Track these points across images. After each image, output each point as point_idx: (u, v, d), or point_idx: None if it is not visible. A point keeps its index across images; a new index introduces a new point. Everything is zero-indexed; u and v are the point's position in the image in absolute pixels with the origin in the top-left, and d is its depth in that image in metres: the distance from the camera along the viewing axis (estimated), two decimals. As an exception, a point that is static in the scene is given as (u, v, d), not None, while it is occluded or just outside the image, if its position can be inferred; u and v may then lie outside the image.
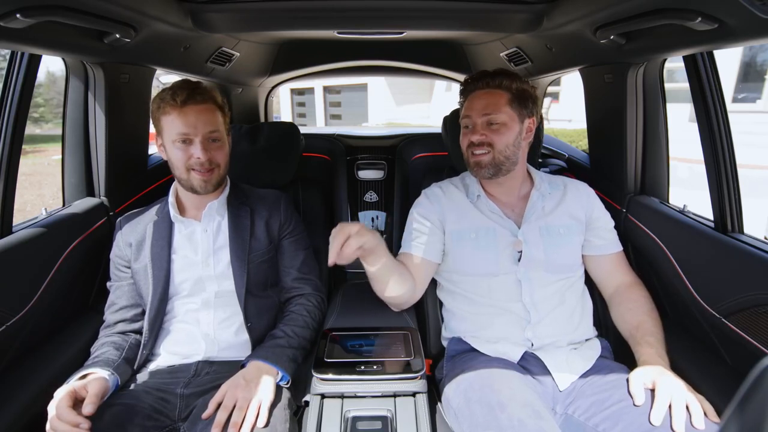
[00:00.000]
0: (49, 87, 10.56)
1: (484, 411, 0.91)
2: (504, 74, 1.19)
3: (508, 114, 1.17)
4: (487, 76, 1.20)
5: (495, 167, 1.19)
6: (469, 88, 1.24)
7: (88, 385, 0.94)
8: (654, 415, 0.87)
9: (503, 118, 1.17)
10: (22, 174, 1.37)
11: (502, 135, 1.17)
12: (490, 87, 1.19)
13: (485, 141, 1.17)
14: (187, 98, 1.09)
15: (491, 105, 1.17)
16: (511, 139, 1.18)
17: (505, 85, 1.18)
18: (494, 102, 1.17)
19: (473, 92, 1.22)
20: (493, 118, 1.17)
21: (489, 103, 1.18)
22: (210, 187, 1.17)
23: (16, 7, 0.80)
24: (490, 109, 1.17)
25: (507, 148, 1.18)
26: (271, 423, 0.94)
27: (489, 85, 1.19)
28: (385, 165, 1.98)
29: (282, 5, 1.21)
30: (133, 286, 1.20)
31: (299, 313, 1.24)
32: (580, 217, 1.23)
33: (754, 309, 0.95)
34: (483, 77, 1.21)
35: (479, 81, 1.21)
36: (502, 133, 1.17)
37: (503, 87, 1.18)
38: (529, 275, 1.17)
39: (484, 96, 1.19)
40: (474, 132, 1.19)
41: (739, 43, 0.91)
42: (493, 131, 1.17)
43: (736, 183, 1.13)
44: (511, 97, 1.18)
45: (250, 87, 2.32)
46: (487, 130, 1.18)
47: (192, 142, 1.12)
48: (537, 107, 1.23)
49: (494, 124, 1.17)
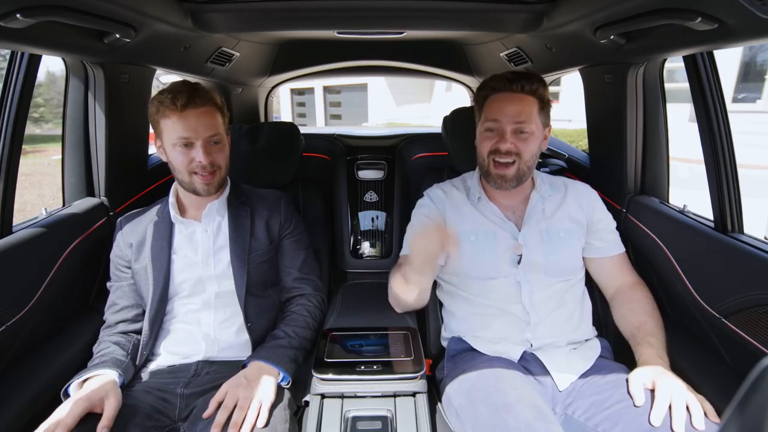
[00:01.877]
0: (49, 87, 10.55)
1: (490, 412, 0.91)
2: (539, 80, 1.13)
3: (536, 123, 1.13)
4: (522, 78, 1.11)
5: (518, 179, 1.15)
6: (498, 86, 1.14)
7: (105, 403, 0.92)
8: (654, 415, 0.87)
9: (533, 127, 1.12)
10: (22, 174, 1.37)
11: (530, 144, 1.12)
12: (524, 92, 1.11)
13: (513, 150, 1.11)
14: (188, 102, 1.09)
15: (525, 113, 1.11)
16: (536, 148, 1.14)
17: (539, 93, 1.12)
18: (528, 110, 1.11)
19: (503, 93, 1.13)
20: (525, 126, 1.11)
21: (522, 111, 1.11)
22: (212, 189, 1.17)
23: (16, 7, 0.80)
24: (524, 117, 1.10)
25: (531, 158, 1.14)
26: (271, 423, 0.94)
27: (524, 89, 1.11)
28: (385, 165, 1.98)
29: (282, 5, 1.21)
30: (134, 287, 1.20)
31: (300, 313, 1.24)
32: (581, 219, 1.23)
33: (754, 309, 0.95)
34: (518, 79, 1.12)
35: (514, 83, 1.11)
36: (530, 142, 1.12)
37: (536, 94, 1.12)
38: (529, 278, 1.17)
39: (516, 101, 1.11)
40: (503, 140, 1.12)
41: (739, 43, 0.91)
42: (521, 140, 1.11)
43: (736, 183, 1.13)
44: (540, 105, 1.13)
45: (250, 87, 2.32)
46: (515, 138, 1.11)
47: (193, 146, 1.12)
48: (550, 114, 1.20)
49: (524, 133, 1.12)
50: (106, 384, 0.96)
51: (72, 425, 0.86)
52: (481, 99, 1.20)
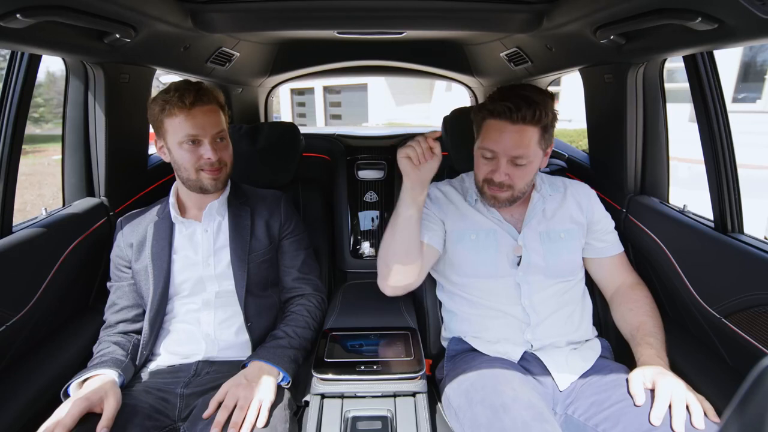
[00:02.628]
0: (49, 87, 10.55)
1: (487, 412, 0.91)
2: (542, 106, 1.05)
3: (535, 151, 1.08)
4: (524, 106, 1.03)
5: (511, 201, 1.15)
6: (499, 113, 1.06)
7: (105, 403, 0.92)
8: (654, 415, 0.87)
9: (531, 156, 1.08)
10: (22, 174, 1.37)
11: (526, 172, 1.10)
12: (526, 122, 1.04)
13: (507, 182, 1.10)
14: (195, 100, 1.09)
15: (523, 146, 1.06)
16: (533, 174, 1.13)
17: (537, 118, 1.04)
18: (525, 143, 1.05)
19: (502, 121, 1.06)
20: (522, 155, 1.07)
21: (520, 144, 1.05)
22: (219, 184, 1.18)
23: (16, 7, 0.80)
24: (521, 151, 1.06)
25: (526, 186, 1.13)
26: (271, 423, 0.94)
27: (525, 120, 1.04)
28: (385, 165, 1.98)
29: (282, 5, 1.21)
30: (134, 287, 1.20)
31: (300, 313, 1.24)
32: (580, 220, 1.23)
33: (754, 309, 0.95)
34: (518, 109, 1.03)
35: (515, 113, 1.04)
36: (527, 171, 1.09)
37: (539, 122, 1.05)
38: (528, 279, 1.17)
39: (515, 132, 1.05)
40: (496, 170, 1.09)
41: (739, 43, 0.91)
42: (517, 168, 1.09)
43: (736, 183, 1.13)
44: (541, 132, 1.07)
45: (250, 87, 2.32)
46: (510, 167, 1.09)
47: (201, 143, 1.12)
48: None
49: (520, 165, 1.08)
50: (106, 384, 0.96)
51: (71, 425, 0.86)
52: (479, 119, 1.14)
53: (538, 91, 1.08)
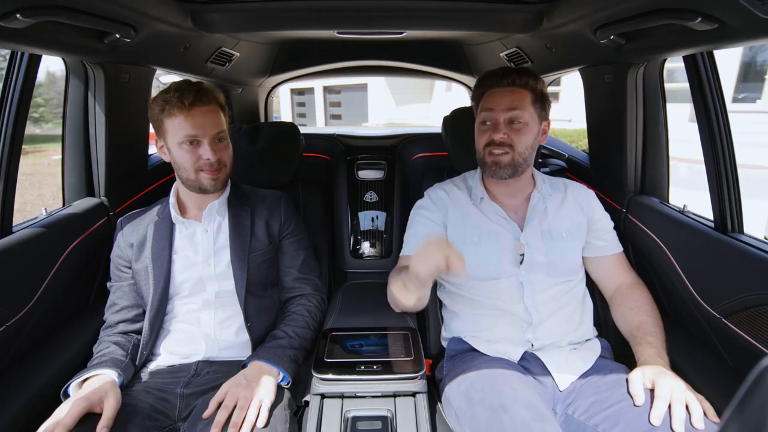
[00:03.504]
0: (49, 87, 10.55)
1: (487, 413, 0.91)
2: (530, 74, 1.16)
3: (530, 113, 1.15)
4: (513, 73, 1.16)
5: (513, 168, 1.16)
6: (491, 83, 1.18)
7: (105, 403, 0.92)
8: (654, 414, 0.87)
9: (527, 117, 1.14)
10: (22, 174, 1.37)
11: (524, 135, 1.14)
12: (516, 85, 1.15)
13: (507, 141, 1.14)
14: (195, 100, 1.09)
15: (516, 101, 1.14)
16: (531, 140, 1.16)
17: (530, 85, 1.15)
18: (520, 100, 1.14)
19: (495, 88, 1.18)
20: (517, 116, 1.13)
21: (514, 100, 1.14)
22: (219, 184, 1.18)
23: (16, 7, 0.80)
24: (516, 105, 1.13)
25: (526, 150, 1.16)
26: (271, 423, 0.94)
27: (515, 83, 1.15)
28: (385, 165, 1.98)
29: (282, 5, 1.21)
30: (134, 287, 1.20)
31: (300, 313, 1.24)
32: (581, 220, 1.23)
33: (754, 309, 0.95)
34: (509, 74, 1.16)
35: (505, 78, 1.16)
36: (523, 133, 1.14)
37: (528, 86, 1.15)
38: (531, 278, 1.17)
39: (508, 93, 1.15)
40: (496, 130, 1.15)
41: (739, 43, 0.91)
42: (514, 130, 1.14)
43: (736, 183, 1.13)
44: (534, 97, 1.15)
45: (250, 87, 2.32)
46: (508, 129, 1.14)
47: (200, 144, 1.12)
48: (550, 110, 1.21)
49: (517, 123, 1.14)
50: (106, 384, 0.96)
51: (71, 425, 0.86)
52: (477, 96, 1.24)
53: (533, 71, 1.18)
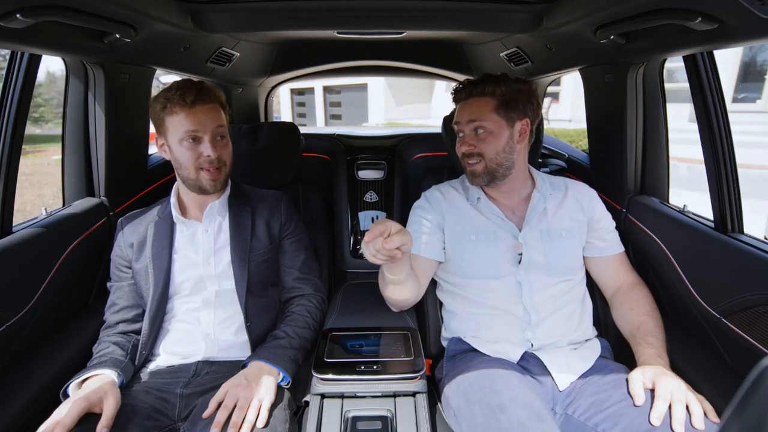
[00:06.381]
0: (49, 87, 10.56)
1: (485, 412, 0.91)
2: (487, 81, 1.19)
3: (494, 121, 1.17)
4: (471, 84, 1.21)
5: (489, 175, 1.19)
6: (458, 97, 1.25)
7: (104, 403, 0.92)
8: (654, 415, 0.87)
9: (489, 125, 1.17)
10: (22, 174, 1.37)
11: (490, 143, 1.17)
12: (474, 95, 1.20)
13: (474, 152, 1.19)
14: (196, 98, 1.10)
15: (476, 112, 1.18)
16: (501, 146, 1.17)
17: (489, 92, 1.17)
18: (479, 110, 1.18)
19: (461, 101, 1.23)
20: (479, 126, 1.17)
21: (474, 111, 1.18)
22: (218, 185, 1.18)
23: (16, 7, 0.80)
24: (475, 116, 1.18)
25: (497, 156, 1.18)
26: (271, 423, 0.94)
27: (473, 93, 1.20)
28: (385, 165, 1.98)
29: (282, 5, 1.21)
30: (134, 287, 1.20)
31: (300, 313, 1.24)
32: (581, 219, 1.23)
33: (754, 309, 0.95)
34: (467, 86, 1.21)
35: (463, 90, 1.22)
36: (489, 141, 1.17)
37: (487, 93, 1.18)
38: (530, 278, 1.17)
39: (469, 105, 1.20)
40: (463, 142, 1.21)
41: (739, 43, 0.91)
42: (480, 140, 1.18)
43: (736, 183, 1.13)
44: (497, 103, 1.17)
45: (250, 87, 2.32)
46: (474, 139, 1.19)
47: (201, 141, 1.13)
48: (533, 106, 1.21)
49: (481, 131, 1.18)
50: (105, 384, 0.96)
51: (71, 425, 0.86)
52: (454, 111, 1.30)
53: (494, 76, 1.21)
